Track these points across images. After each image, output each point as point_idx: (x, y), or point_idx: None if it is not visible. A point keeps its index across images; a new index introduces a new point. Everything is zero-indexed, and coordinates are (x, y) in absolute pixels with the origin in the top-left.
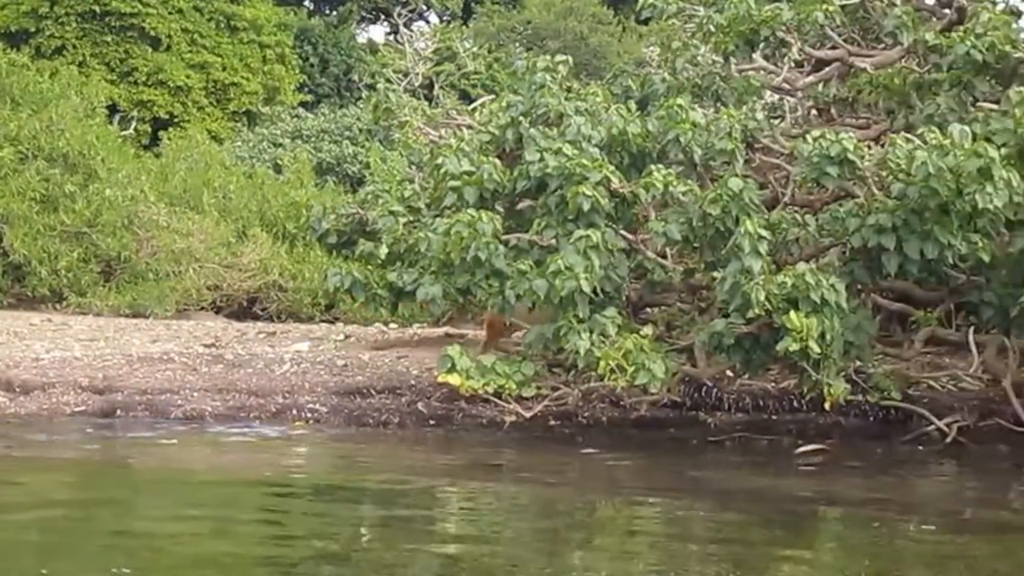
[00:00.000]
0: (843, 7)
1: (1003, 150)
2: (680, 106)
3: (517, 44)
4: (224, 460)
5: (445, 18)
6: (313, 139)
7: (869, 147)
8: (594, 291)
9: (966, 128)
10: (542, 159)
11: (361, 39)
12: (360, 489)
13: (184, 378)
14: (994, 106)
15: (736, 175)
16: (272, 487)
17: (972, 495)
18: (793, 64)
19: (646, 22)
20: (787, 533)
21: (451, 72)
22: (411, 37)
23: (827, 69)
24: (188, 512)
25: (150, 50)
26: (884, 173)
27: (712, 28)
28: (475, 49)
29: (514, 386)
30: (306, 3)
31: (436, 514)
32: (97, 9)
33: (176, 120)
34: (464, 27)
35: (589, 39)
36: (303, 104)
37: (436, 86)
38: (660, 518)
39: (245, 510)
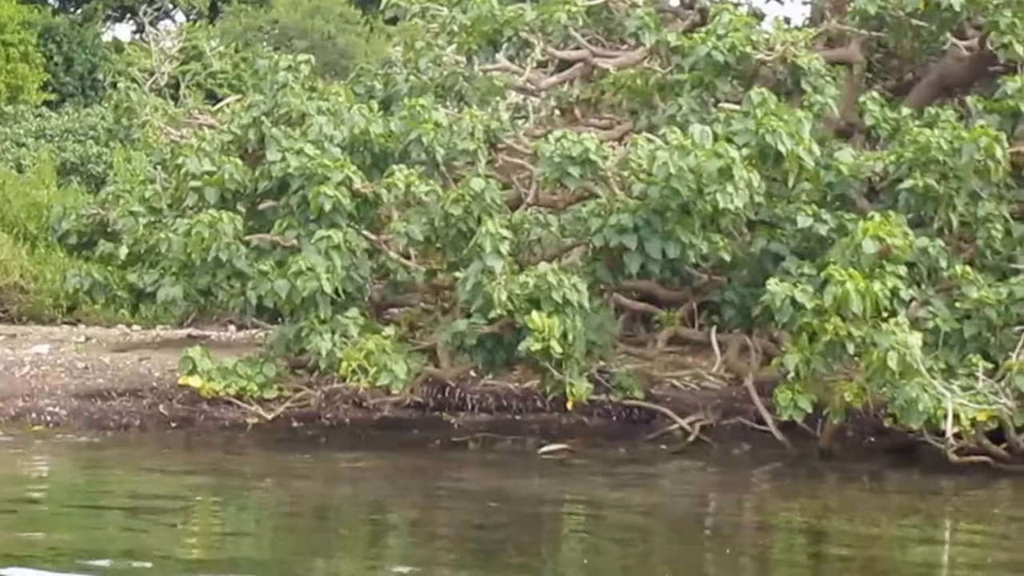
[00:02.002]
0: (586, 8)
1: (744, 151)
2: (423, 106)
3: (264, 43)
4: None
5: (192, 17)
6: (57, 138)
7: (612, 148)
8: (336, 292)
9: (707, 128)
10: (284, 159)
11: (107, 38)
12: (98, 495)
13: None
14: (735, 107)
15: (479, 175)
16: (3, 496)
17: (713, 494)
18: (536, 64)
19: (394, 22)
20: (530, 535)
21: (197, 72)
22: (157, 36)
23: (570, 70)
24: None
25: None
26: (626, 173)
27: (456, 28)
28: (221, 48)
29: (256, 388)
30: (50, 1)
31: (177, 519)
32: None
33: None
34: (211, 26)
35: (337, 39)
36: (47, 103)
37: (182, 85)
38: (403, 520)
39: None
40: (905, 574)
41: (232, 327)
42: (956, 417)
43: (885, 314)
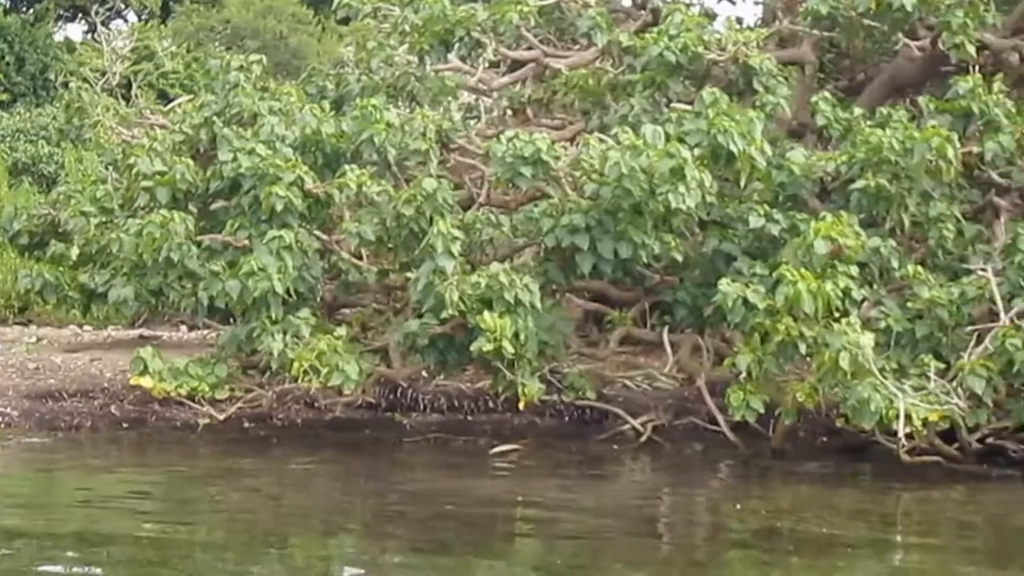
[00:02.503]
0: (538, 8)
1: (696, 151)
2: (374, 106)
3: (216, 43)
4: None
5: (143, 17)
6: (8, 139)
7: (564, 148)
8: (288, 292)
9: (659, 128)
10: (235, 159)
11: (58, 37)
12: (50, 491)
13: None
14: (687, 107)
15: (430, 175)
16: None
17: (666, 494)
18: (488, 65)
19: (346, 22)
20: (482, 533)
21: (149, 72)
22: (109, 36)
23: (522, 70)
24: None
25: None
26: (578, 174)
27: (407, 28)
28: (173, 48)
29: (207, 388)
30: (1, 1)
31: (129, 512)
32: None
33: None
34: (163, 26)
35: (289, 39)
36: None
37: (134, 85)
38: (355, 518)
39: None
40: (856, 572)
41: (183, 328)
42: (908, 417)
43: (837, 314)
